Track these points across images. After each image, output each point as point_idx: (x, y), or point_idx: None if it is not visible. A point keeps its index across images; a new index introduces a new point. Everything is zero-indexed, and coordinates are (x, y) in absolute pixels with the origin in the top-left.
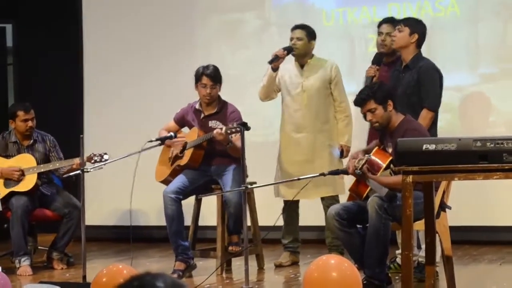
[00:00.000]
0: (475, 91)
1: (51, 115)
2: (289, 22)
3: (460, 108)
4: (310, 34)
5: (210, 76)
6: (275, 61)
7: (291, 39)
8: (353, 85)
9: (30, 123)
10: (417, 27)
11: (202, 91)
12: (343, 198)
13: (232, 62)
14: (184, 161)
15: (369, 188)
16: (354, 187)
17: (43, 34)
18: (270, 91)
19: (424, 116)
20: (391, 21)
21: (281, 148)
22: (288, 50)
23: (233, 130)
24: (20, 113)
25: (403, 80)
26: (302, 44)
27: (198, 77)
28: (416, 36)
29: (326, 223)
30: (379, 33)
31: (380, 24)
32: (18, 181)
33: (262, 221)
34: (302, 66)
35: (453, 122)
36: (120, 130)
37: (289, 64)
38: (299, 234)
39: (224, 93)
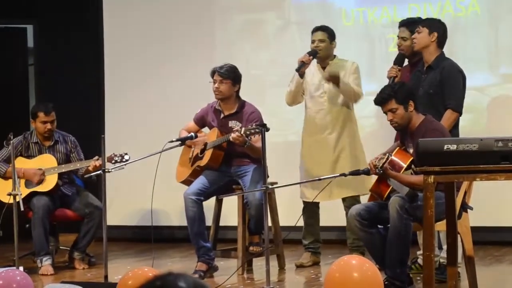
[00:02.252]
0: (496, 91)
1: (72, 115)
2: (309, 21)
3: (481, 109)
4: (331, 35)
5: (220, 72)
6: (302, 68)
7: (313, 41)
8: (373, 85)
9: (48, 126)
10: (435, 26)
11: (212, 87)
12: (365, 199)
13: (253, 62)
14: (204, 161)
15: (390, 188)
16: (375, 187)
17: (64, 34)
18: (297, 96)
19: (448, 117)
20: (407, 24)
21: (303, 150)
22: (313, 54)
23: (252, 131)
24: (41, 114)
25: (426, 80)
26: (325, 46)
27: (211, 75)
28: (435, 34)
29: (347, 224)
30: (398, 36)
31: (399, 26)
32: (38, 183)
33: (283, 222)
34: (323, 68)
35: (474, 123)
36: (141, 131)
37: (311, 66)
38: (320, 234)
39: (245, 93)
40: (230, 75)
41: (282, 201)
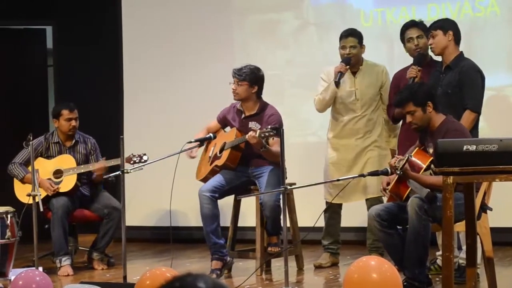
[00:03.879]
0: None
1: (91, 116)
2: (327, 22)
3: (500, 109)
4: (361, 39)
5: (237, 74)
6: (341, 78)
7: (344, 47)
8: None
9: (73, 123)
10: (447, 25)
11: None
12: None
13: (270, 62)
14: (221, 161)
15: (409, 189)
16: (394, 188)
17: (83, 35)
18: (330, 104)
19: (467, 117)
20: (414, 24)
21: (331, 153)
22: (347, 62)
23: (267, 134)
24: (65, 112)
25: (444, 80)
26: (356, 52)
27: (232, 76)
28: (450, 33)
29: (368, 224)
30: (408, 39)
31: (404, 31)
32: (53, 191)
33: (301, 222)
34: (353, 73)
35: (493, 123)
36: (159, 131)
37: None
38: (340, 235)
39: (263, 93)
40: (247, 77)
41: (300, 202)
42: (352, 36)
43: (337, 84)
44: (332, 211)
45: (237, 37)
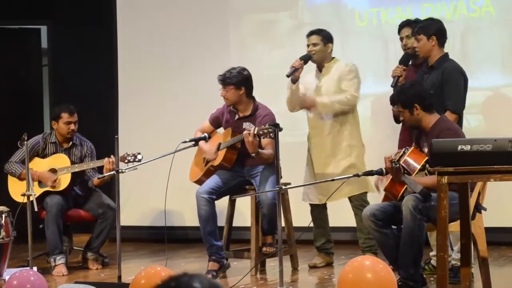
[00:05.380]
0: (510, 92)
1: (85, 116)
2: (322, 22)
3: (495, 109)
4: (326, 37)
5: (220, 80)
6: (296, 72)
7: (308, 45)
8: (387, 86)
9: (72, 126)
10: (431, 30)
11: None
12: (374, 199)
13: (266, 62)
14: (217, 161)
15: (404, 188)
16: (389, 187)
17: (78, 35)
18: (295, 103)
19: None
20: (408, 24)
21: (307, 155)
22: (306, 58)
23: (265, 131)
24: (64, 115)
25: (428, 80)
26: (319, 49)
27: None
28: (434, 37)
29: (357, 224)
30: (401, 39)
31: (399, 30)
32: (52, 187)
33: (296, 222)
34: (320, 70)
35: (488, 123)
36: (154, 131)
37: (312, 71)
38: (331, 235)
39: (258, 93)
40: (231, 81)
41: (295, 202)
42: (315, 34)
43: (293, 80)
44: (318, 211)
45: (232, 38)
